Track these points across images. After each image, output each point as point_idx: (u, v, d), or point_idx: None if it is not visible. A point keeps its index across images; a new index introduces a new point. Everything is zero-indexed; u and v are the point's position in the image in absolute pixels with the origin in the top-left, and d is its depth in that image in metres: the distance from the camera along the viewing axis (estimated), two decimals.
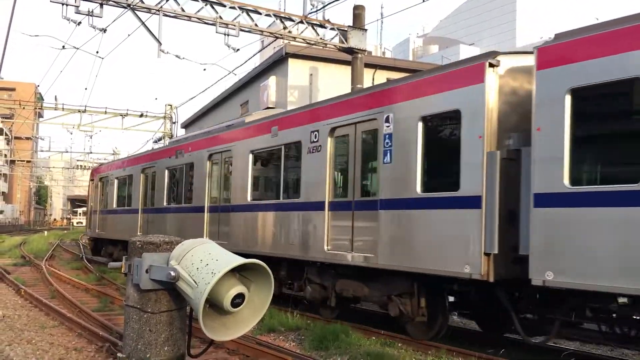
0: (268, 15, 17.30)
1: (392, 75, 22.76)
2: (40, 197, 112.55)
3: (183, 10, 16.36)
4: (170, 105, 34.08)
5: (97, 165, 28.11)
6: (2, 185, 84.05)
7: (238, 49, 17.22)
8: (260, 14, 17.10)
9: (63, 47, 21.06)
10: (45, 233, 54.66)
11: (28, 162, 74.77)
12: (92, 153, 48.73)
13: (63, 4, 15.88)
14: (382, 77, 22.75)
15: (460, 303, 9.65)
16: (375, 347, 8.93)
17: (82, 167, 64.75)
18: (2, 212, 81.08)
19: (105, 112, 32.61)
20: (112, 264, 3.76)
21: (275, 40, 19.09)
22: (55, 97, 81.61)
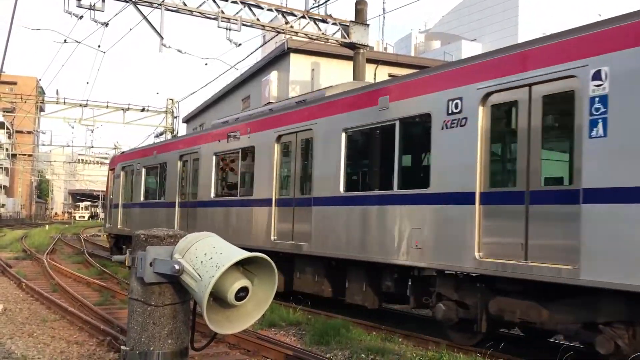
0: (270, 10, 17.28)
1: (394, 71, 22.73)
2: (42, 191, 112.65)
3: (185, 5, 16.35)
4: (172, 100, 34.09)
5: (118, 153, 24.79)
6: (3, 179, 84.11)
7: (240, 44, 17.22)
8: (262, 9, 17.07)
9: (65, 41, 21.10)
10: (47, 227, 54.74)
11: (29, 156, 74.85)
12: (93, 147, 48.72)
13: None
14: (383, 72, 22.73)
15: None
16: (376, 342, 8.96)
17: (83, 161, 64.81)
18: (3, 205, 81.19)
19: (107, 106, 32.62)
20: (116, 257, 3.76)
21: (277, 35, 19.07)
22: (57, 91, 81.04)
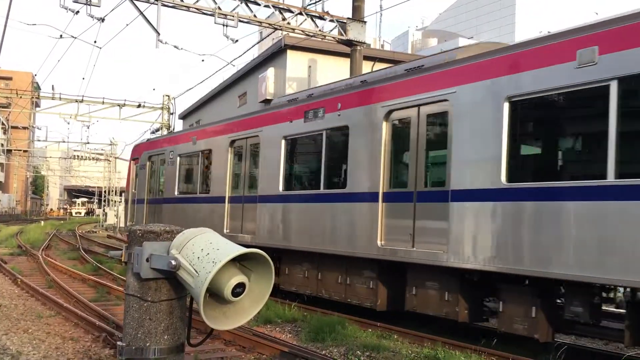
0: (267, 7, 17.23)
1: None
2: (37, 187, 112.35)
3: (182, 0, 16.29)
4: (168, 96, 33.98)
5: (143, 141, 21.31)
6: None
7: (237, 40, 17.17)
8: (259, 5, 17.03)
9: (61, 36, 21.02)
10: (42, 223, 54.61)
11: (25, 151, 74.61)
12: (89, 143, 48.62)
13: None
14: None
15: None
16: (372, 339, 8.98)
17: (79, 157, 64.60)
18: None
19: (103, 102, 32.51)
20: (112, 253, 3.76)
21: (274, 32, 19.03)
22: (53, 86, 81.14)
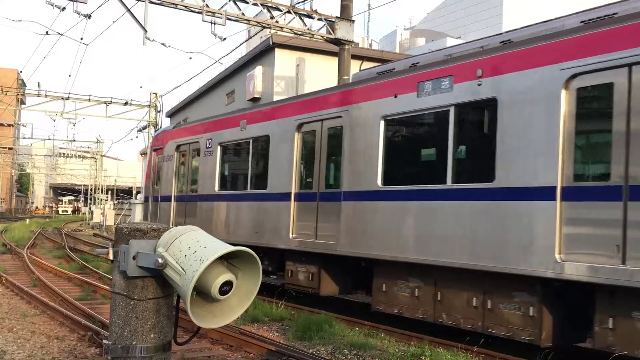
0: (255, 5, 17.19)
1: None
2: (22, 185, 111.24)
3: None
4: (155, 94, 33.79)
5: (168, 128, 18.25)
6: None
7: (224, 38, 17.09)
8: (248, 3, 16.98)
9: (47, 32, 20.81)
10: (27, 221, 54.09)
11: (10, 149, 73.78)
12: (75, 141, 48.15)
13: None
14: None
15: None
16: (359, 337, 9.00)
17: (64, 155, 64.05)
18: None
19: (89, 99, 32.25)
20: (98, 250, 3.75)
21: (262, 30, 19.00)
22: (38, 83, 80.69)
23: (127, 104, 32.93)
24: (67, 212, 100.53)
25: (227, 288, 3.06)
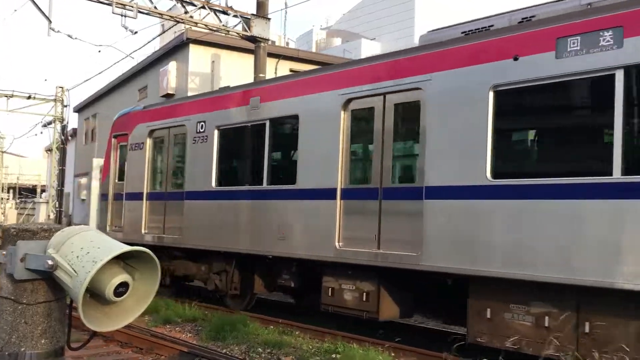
0: None
1: (295, 66, 22.81)
2: None
3: None
4: (62, 88, 32.24)
5: (135, 109, 14.34)
6: None
7: (136, 32, 16.57)
8: None
9: None
10: None
11: None
12: None
13: None
14: (285, 67, 22.75)
15: None
16: (273, 335, 8.98)
17: None
18: None
19: None
20: None
21: (176, 25, 18.54)
22: None
23: (30, 98, 31.19)
24: None
25: (123, 289, 2.94)
